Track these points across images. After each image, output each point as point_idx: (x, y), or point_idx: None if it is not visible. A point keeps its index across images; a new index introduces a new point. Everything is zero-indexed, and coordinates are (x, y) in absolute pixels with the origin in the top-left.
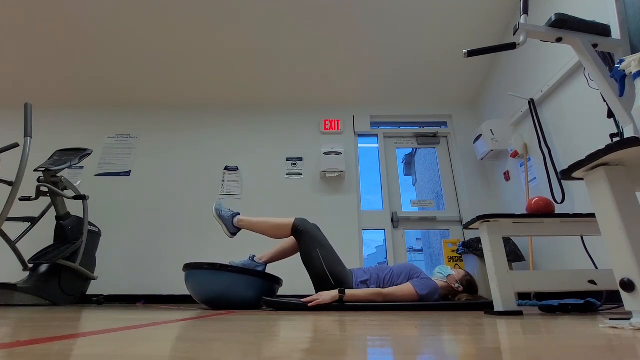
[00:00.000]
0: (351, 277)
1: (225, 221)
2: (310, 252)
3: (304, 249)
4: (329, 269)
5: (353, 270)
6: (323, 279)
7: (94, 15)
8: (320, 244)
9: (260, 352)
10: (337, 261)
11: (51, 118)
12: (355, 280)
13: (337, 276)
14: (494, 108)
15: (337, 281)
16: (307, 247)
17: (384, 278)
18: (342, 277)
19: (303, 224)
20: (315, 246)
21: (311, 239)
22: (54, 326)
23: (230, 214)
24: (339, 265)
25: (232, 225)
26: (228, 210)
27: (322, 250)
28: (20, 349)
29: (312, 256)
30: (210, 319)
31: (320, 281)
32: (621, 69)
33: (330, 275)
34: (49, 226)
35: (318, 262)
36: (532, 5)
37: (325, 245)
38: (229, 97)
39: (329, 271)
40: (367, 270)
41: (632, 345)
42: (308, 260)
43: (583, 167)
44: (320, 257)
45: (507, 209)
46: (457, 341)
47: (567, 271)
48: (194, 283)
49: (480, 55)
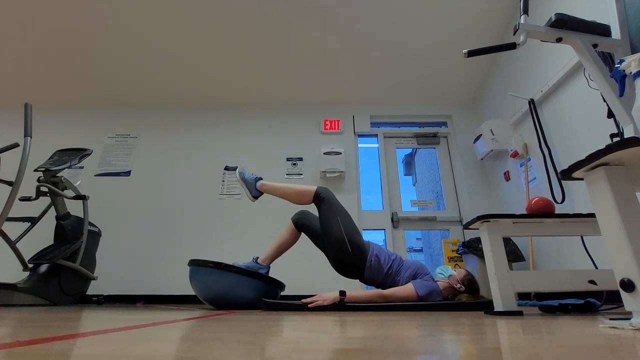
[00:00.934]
0: (368, 248)
1: (248, 184)
2: (330, 219)
3: (325, 216)
4: (347, 235)
5: (371, 243)
6: (341, 245)
7: (94, 15)
8: (340, 212)
9: (260, 352)
10: (355, 230)
11: (51, 118)
12: (371, 252)
13: (355, 244)
14: (494, 108)
15: (354, 248)
16: (328, 214)
17: (394, 266)
18: (359, 245)
19: (325, 192)
20: (336, 213)
21: (332, 206)
22: (54, 326)
23: (254, 177)
24: (357, 234)
25: (255, 189)
26: (251, 174)
27: (342, 218)
28: (20, 349)
29: (332, 223)
30: (211, 319)
31: (337, 248)
32: (621, 69)
33: (348, 242)
34: (49, 226)
35: (337, 229)
36: (532, 5)
37: (344, 214)
38: (229, 97)
39: (347, 238)
40: (384, 250)
41: (632, 345)
42: (328, 226)
43: (583, 167)
44: (340, 224)
45: (507, 209)
46: (457, 341)
47: (567, 271)
48: (197, 280)
49: (480, 55)
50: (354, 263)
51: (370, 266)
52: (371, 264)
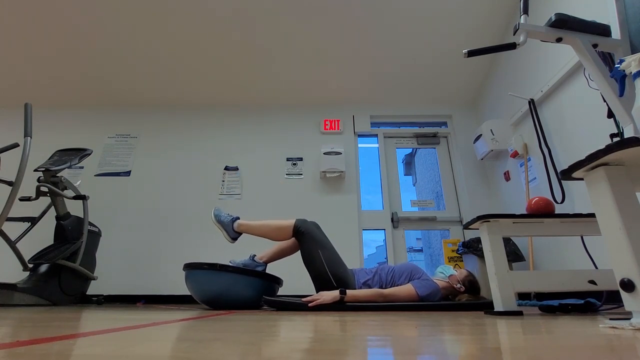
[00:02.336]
0: (353, 277)
1: (225, 226)
2: (312, 254)
3: (306, 251)
4: (330, 270)
5: (355, 270)
6: (325, 280)
7: (94, 15)
8: (321, 245)
9: (260, 352)
10: (338, 262)
11: (51, 118)
12: (357, 281)
13: (339, 277)
14: (494, 108)
15: (339, 282)
16: (309, 248)
17: (386, 278)
18: (344, 278)
19: (304, 225)
20: (317, 247)
21: (313, 241)
22: (54, 326)
23: (230, 218)
24: (341, 266)
25: (233, 230)
26: (227, 215)
27: (324, 252)
28: (20, 349)
29: (314, 257)
30: (211, 319)
31: (322, 282)
32: (621, 69)
33: (332, 277)
34: (49, 226)
35: (320, 264)
36: (532, 5)
37: (326, 246)
38: (229, 97)
39: (330, 272)
40: (369, 270)
41: (632, 345)
42: (310, 261)
43: (583, 167)
44: (322, 259)
45: (507, 209)
46: (457, 341)
47: (567, 271)
48: (194, 283)
49: (480, 55)
50: None
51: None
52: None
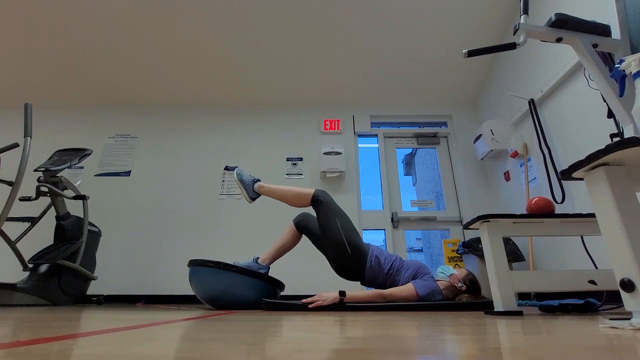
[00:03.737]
0: (368, 249)
1: (246, 185)
2: (329, 221)
3: (323, 218)
4: (346, 237)
5: (371, 245)
6: (340, 248)
7: (95, 15)
8: (338, 214)
9: (261, 352)
10: (354, 231)
11: (51, 118)
12: (371, 253)
13: (354, 245)
14: (494, 108)
15: (353, 250)
16: (327, 216)
17: (394, 266)
18: (358, 246)
19: (323, 195)
20: (334, 215)
21: (330, 209)
22: (54, 326)
23: (252, 179)
24: (357, 235)
25: (252, 190)
26: (249, 176)
27: (341, 220)
28: (20, 349)
29: (331, 225)
30: (211, 319)
31: (337, 250)
32: (621, 69)
33: (347, 244)
34: (49, 226)
35: (336, 231)
36: (532, 5)
37: (343, 215)
38: (229, 97)
39: (346, 240)
40: (384, 251)
41: (632, 345)
42: (327, 229)
43: (583, 167)
44: (338, 226)
45: (507, 209)
46: (457, 341)
47: (567, 271)
48: (197, 280)
49: (480, 55)
50: (354, 264)
51: (370, 267)
52: (371, 265)
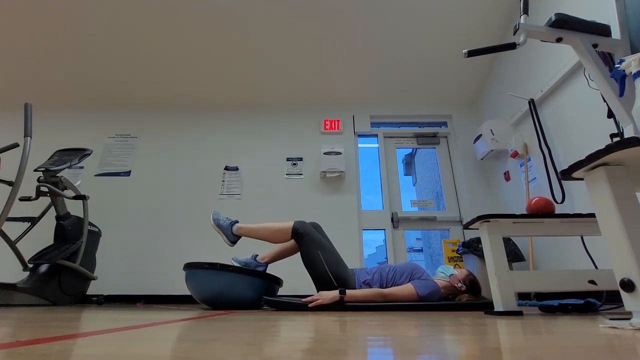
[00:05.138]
0: (353, 277)
1: (224, 230)
2: (312, 255)
3: (305, 252)
4: (331, 270)
5: (355, 270)
6: (325, 281)
7: (95, 15)
8: (321, 246)
9: (260, 352)
10: (339, 262)
11: (51, 118)
12: (357, 281)
13: (340, 277)
14: (494, 108)
15: (339, 282)
16: (308, 250)
17: (387, 277)
18: (344, 278)
19: (303, 227)
20: (317, 248)
21: (312, 242)
22: (54, 326)
23: (229, 222)
24: (341, 266)
25: (232, 234)
26: (226, 219)
27: (324, 253)
28: (20, 349)
29: (314, 259)
30: (211, 319)
31: (322, 283)
32: (621, 69)
33: (332, 277)
34: (49, 226)
35: (320, 265)
36: (532, 5)
37: (326, 247)
38: (229, 97)
39: (331, 273)
40: (370, 270)
41: (632, 345)
42: (310, 262)
43: (583, 167)
44: (322, 259)
45: (507, 209)
46: (457, 341)
47: (567, 271)
48: (194, 282)
49: (480, 55)
50: None
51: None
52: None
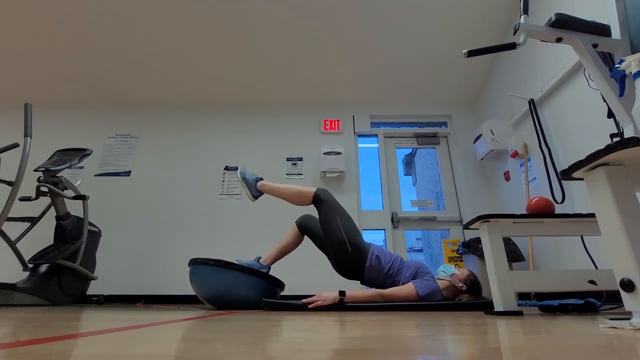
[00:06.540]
0: (368, 248)
1: (249, 184)
2: (330, 220)
3: (324, 217)
4: (347, 235)
5: (372, 244)
6: (341, 247)
7: (95, 15)
8: (339, 213)
9: (261, 352)
10: (355, 230)
11: (51, 118)
12: (371, 252)
13: (355, 244)
14: (494, 108)
15: (354, 248)
16: (327, 214)
17: (395, 264)
18: (359, 245)
19: (324, 194)
20: (335, 214)
21: (331, 207)
22: (54, 326)
23: (254, 178)
24: (358, 234)
25: (255, 189)
26: (252, 175)
27: (342, 218)
28: (20, 349)
29: (332, 223)
30: (211, 319)
31: (337, 248)
32: (621, 69)
33: (348, 242)
34: (49, 226)
35: (337, 230)
36: (532, 5)
37: (344, 214)
38: (229, 97)
39: (347, 238)
40: (386, 251)
41: (632, 345)
42: (327, 227)
43: (583, 167)
44: (339, 225)
45: (507, 209)
46: (457, 341)
47: (567, 271)
48: (198, 279)
49: (480, 55)
50: (354, 263)
51: (370, 265)
52: (371, 264)
